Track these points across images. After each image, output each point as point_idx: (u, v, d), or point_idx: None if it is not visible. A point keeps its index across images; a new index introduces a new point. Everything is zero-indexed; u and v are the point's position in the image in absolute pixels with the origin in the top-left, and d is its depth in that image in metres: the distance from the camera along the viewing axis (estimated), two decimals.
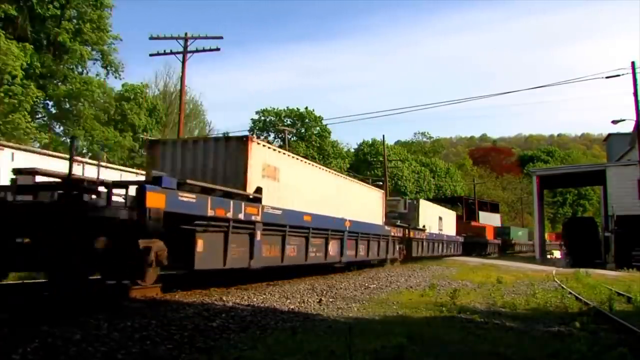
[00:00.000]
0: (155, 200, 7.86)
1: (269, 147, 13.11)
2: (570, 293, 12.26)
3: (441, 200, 64.39)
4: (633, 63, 24.28)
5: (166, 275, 9.69)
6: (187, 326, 6.19)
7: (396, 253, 21.58)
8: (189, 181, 9.20)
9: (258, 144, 12.05)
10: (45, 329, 5.40)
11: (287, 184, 13.01)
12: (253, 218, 10.41)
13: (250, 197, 10.79)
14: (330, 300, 9.71)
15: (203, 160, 11.77)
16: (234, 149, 11.62)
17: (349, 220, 15.72)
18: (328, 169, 17.94)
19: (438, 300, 10.16)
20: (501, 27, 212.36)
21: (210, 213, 8.99)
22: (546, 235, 65.63)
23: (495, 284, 14.16)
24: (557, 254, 43.55)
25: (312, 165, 15.92)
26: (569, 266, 28.69)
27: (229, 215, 9.54)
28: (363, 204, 18.92)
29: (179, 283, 9.69)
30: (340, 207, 16.08)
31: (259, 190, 11.08)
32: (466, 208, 60.19)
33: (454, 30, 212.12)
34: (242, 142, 11.59)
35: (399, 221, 23.49)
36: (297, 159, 14.58)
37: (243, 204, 10.11)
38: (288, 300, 9.27)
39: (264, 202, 11.06)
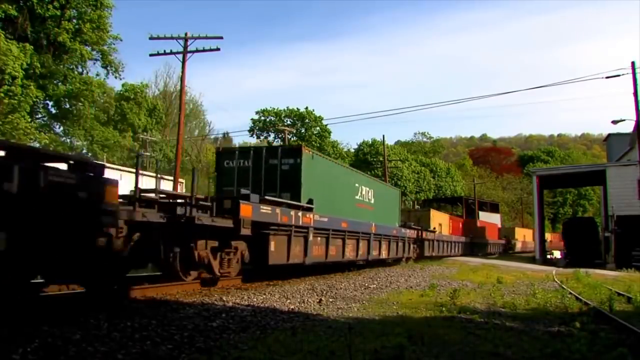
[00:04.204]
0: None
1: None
2: (570, 293, 12.25)
3: (441, 200, 64.55)
4: (633, 63, 24.24)
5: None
6: (187, 326, 6.19)
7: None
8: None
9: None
10: (45, 329, 5.40)
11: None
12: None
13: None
14: (330, 300, 9.71)
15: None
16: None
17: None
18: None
19: (438, 300, 10.15)
20: (502, 27, 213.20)
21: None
22: (524, 235, 64.98)
23: (495, 284, 14.15)
24: (557, 254, 43.56)
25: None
26: (568, 266, 28.69)
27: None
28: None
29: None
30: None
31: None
32: (466, 208, 60.21)
33: (454, 30, 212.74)
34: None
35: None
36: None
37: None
38: (288, 300, 9.27)
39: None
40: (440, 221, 35.02)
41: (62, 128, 35.12)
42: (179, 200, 10.12)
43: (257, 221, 10.63)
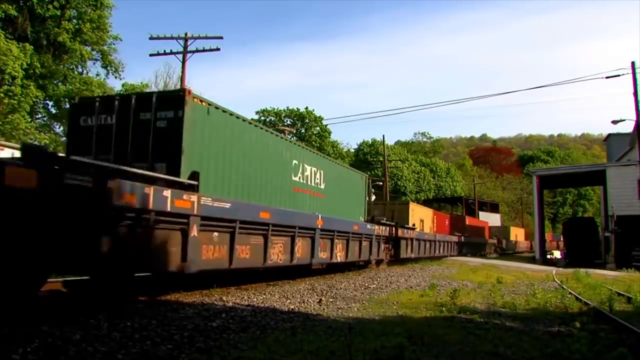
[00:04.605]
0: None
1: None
2: (570, 293, 12.25)
3: (441, 200, 64.55)
4: (633, 63, 24.25)
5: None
6: (187, 326, 6.19)
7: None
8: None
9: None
10: (45, 329, 5.40)
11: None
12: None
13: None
14: (330, 300, 9.71)
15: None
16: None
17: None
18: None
19: (438, 300, 10.15)
20: (502, 27, 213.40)
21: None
22: (516, 235, 64.35)
23: (495, 284, 14.16)
24: (557, 253, 43.60)
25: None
26: (568, 266, 28.69)
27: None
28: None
29: (180, 284, 9.68)
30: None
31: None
32: (466, 208, 60.28)
33: (454, 30, 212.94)
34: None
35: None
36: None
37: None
38: (288, 300, 9.27)
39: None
40: (422, 217, 30.58)
41: (62, 128, 35.12)
42: None
43: (67, 200, 6.30)
